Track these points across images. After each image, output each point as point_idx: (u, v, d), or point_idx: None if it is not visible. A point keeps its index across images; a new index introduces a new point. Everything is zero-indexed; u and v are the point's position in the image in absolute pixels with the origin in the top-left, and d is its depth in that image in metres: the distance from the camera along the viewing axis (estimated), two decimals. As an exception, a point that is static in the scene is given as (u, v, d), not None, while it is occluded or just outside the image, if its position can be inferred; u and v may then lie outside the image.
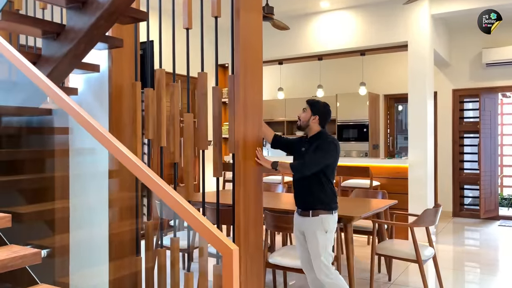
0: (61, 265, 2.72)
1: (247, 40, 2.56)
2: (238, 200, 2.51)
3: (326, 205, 2.85)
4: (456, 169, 7.23)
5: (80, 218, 3.01)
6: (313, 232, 2.83)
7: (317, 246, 2.80)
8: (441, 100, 7.27)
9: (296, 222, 2.99)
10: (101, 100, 3.07)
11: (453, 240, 5.73)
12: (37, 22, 2.55)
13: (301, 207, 2.94)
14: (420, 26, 5.46)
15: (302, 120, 3.02)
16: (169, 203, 1.56)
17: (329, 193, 2.88)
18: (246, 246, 2.55)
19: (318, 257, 2.80)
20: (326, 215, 2.84)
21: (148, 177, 1.59)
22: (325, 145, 2.86)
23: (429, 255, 3.37)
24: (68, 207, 3.03)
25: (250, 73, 2.60)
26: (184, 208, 1.51)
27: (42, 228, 2.66)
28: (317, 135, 2.96)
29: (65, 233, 2.90)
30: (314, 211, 2.84)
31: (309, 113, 3.00)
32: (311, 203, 2.86)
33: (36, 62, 2.64)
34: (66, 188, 3.05)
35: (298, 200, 2.97)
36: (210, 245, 2.07)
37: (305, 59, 6.62)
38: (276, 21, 4.68)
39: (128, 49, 3.10)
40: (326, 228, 2.83)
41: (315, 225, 2.83)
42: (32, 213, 2.45)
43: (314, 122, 2.96)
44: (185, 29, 2.73)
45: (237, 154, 2.52)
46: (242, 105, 2.53)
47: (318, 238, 2.80)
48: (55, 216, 2.80)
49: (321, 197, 2.85)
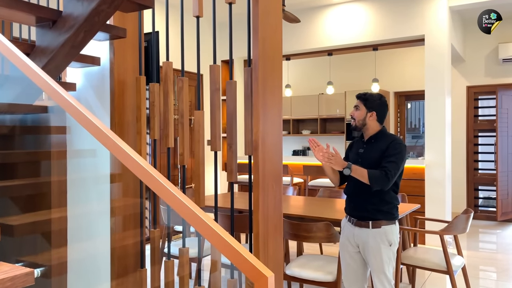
0: (58, 286, 2.43)
1: (266, 27, 2.28)
2: (257, 208, 2.24)
3: (389, 214, 2.51)
4: (470, 169, 6.96)
5: (79, 230, 2.74)
6: (377, 246, 2.48)
7: (382, 261, 2.46)
8: (454, 97, 7.00)
9: (347, 232, 2.61)
10: (101, 97, 2.79)
11: (467, 244, 5.46)
12: (30, 7, 2.26)
13: (355, 214, 2.57)
14: (438, 19, 5.18)
15: (357, 120, 2.60)
16: (187, 218, 1.29)
17: (393, 201, 2.54)
18: (266, 260, 2.27)
19: (383, 272, 2.47)
20: (390, 226, 2.50)
21: (162, 186, 1.31)
22: (398, 148, 2.48)
23: (459, 265, 3.10)
24: (65, 217, 2.75)
25: (269, 64, 2.32)
26: (208, 226, 1.24)
27: (36, 242, 2.37)
28: (379, 134, 2.59)
29: (63, 247, 2.62)
30: (375, 222, 2.49)
31: (364, 110, 2.60)
32: (371, 211, 2.50)
33: (30, 53, 2.36)
34: (63, 195, 2.77)
35: (352, 203, 2.60)
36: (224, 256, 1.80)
37: (314, 54, 6.33)
38: (287, 13, 4.40)
39: (132, 40, 2.82)
40: (390, 241, 2.49)
41: (379, 238, 2.48)
42: (25, 225, 2.16)
43: (372, 120, 2.58)
44: (195, 17, 2.45)
45: (256, 155, 2.24)
46: (262, 101, 2.25)
47: (382, 253, 2.46)
48: (51, 227, 2.52)
49: (383, 205, 2.50)
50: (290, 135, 8.36)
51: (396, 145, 2.49)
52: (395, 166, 2.42)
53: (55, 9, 2.29)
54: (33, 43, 2.39)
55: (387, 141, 2.53)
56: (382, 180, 2.39)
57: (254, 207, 2.25)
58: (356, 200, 2.55)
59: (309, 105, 8.05)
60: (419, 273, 3.81)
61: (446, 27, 5.18)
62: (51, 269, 2.33)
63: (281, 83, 2.45)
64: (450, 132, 5.55)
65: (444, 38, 5.18)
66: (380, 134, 2.59)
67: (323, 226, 2.75)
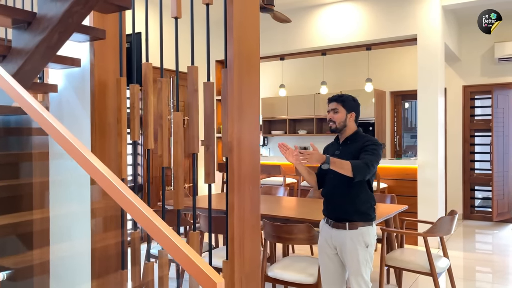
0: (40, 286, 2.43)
1: (242, 28, 2.27)
2: (232, 210, 2.23)
3: (366, 215, 2.51)
4: (466, 169, 6.92)
5: (61, 231, 2.74)
6: (353, 247, 2.48)
7: (358, 263, 2.46)
8: (450, 97, 6.96)
9: (325, 234, 2.60)
10: (82, 98, 2.78)
11: (463, 245, 5.42)
12: (6, 9, 2.26)
13: (333, 216, 2.56)
14: (430, 18, 5.15)
15: (338, 122, 2.58)
16: (140, 221, 1.28)
17: (370, 201, 2.54)
18: (242, 263, 2.26)
19: (359, 274, 2.47)
20: (367, 227, 2.50)
21: (114, 186, 1.30)
22: (375, 146, 2.48)
23: (444, 267, 3.07)
24: (48, 218, 2.75)
25: (245, 65, 2.31)
26: (159, 230, 1.23)
27: (16, 243, 2.37)
28: (355, 135, 2.59)
29: (45, 247, 2.62)
30: (352, 223, 2.48)
31: (344, 112, 2.59)
32: (349, 212, 2.50)
33: (6, 55, 2.36)
34: (45, 196, 2.77)
35: (331, 208, 2.58)
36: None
37: (308, 54, 6.31)
38: (277, 13, 4.38)
39: (113, 41, 2.81)
40: (367, 242, 2.49)
41: (355, 239, 2.48)
42: (4, 226, 2.16)
43: (351, 120, 2.59)
44: (174, 18, 2.43)
45: (231, 157, 2.23)
46: (237, 103, 2.24)
47: (359, 254, 2.46)
48: (33, 228, 2.52)
49: (360, 206, 2.49)
50: (286, 135, 8.34)
51: (373, 145, 2.49)
52: (373, 158, 2.42)
53: (30, 11, 2.29)
54: (10, 45, 2.39)
55: (363, 141, 2.53)
56: (363, 168, 2.37)
57: (229, 209, 2.24)
58: (334, 202, 2.54)
59: (305, 105, 8.03)
60: (408, 275, 3.78)
61: (438, 27, 5.15)
62: (32, 269, 2.33)
63: (258, 84, 2.43)
64: (443, 132, 5.51)
65: (437, 38, 5.14)
66: (356, 135, 2.59)
67: (304, 228, 2.73)
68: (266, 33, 6.20)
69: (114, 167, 2.76)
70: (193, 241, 2.40)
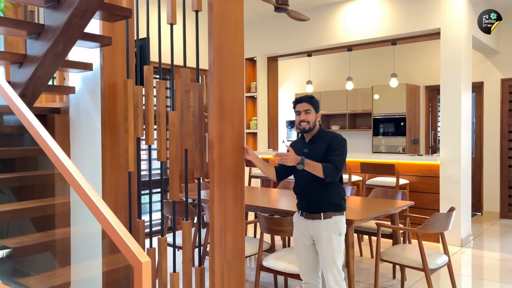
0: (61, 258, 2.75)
1: (222, 34, 2.43)
2: (212, 203, 2.41)
3: (338, 205, 2.65)
4: (504, 166, 6.62)
5: (76, 214, 3.05)
6: (328, 236, 2.60)
7: (333, 251, 2.59)
8: (488, 91, 6.69)
9: (300, 226, 2.73)
10: (95, 99, 3.08)
11: (493, 245, 5.23)
12: (19, 23, 2.59)
13: (308, 209, 2.69)
14: (454, 11, 5.00)
15: (311, 122, 2.68)
16: (88, 204, 1.51)
17: (341, 193, 2.68)
18: (223, 252, 2.44)
19: (333, 262, 2.59)
20: (339, 216, 2.64)
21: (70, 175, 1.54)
22: (340, 142, 2.63)
23: (440, 264, 3.07)
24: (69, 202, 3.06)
25: (228, 69, 2.47)
26: (99, 210, 1.45)
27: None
28: (320, 132, 2.72)
29: (66, 227, 2.94)
30: (326, 213, 2.62)
31: (314, 112, 2.70)
32: (323, 205, 2.63)
33: (23, 62, 2.69)
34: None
35: (304, 201, 2.72)
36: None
37: (334, 50, 6.33)
38: (292, 12, 4.47)
39: (122, 46, 3.08)
40: (340, 230, 2.63)
41: (330, 228, 2.60)
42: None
43: (318, 120, 2.74)
44: (169, 24, 2.65)
45: (211, 153, 2.42)
46: (218, 104, 2.42)
47: (333, 242, 2.59)
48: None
49: (333, 197, 2.64)
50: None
51: (339, 140, 2.62)
52: (341, 159, 2.56)
53: (39, 23, 2.59)
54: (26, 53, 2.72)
55: (329, 138, 2.64)
56: (333, 172, 2.52)
57: (210, 201, 2.43)
58: (307, 197, 2.66)
59: (337, 100, 8.03)
60: (413, 272, 3.78)
61: (463, 19, 4.99)
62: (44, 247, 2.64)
63: (242, 86, 2.59)
64: (469, 129, 5.34)
65: (461, 31, 4.99)
66: (321, 132, 2.70)
67: (292, 220, 2.86)
68: (293, 30, 6.30)
69: (123, 161, 3.03)
70: (185, 230, 2.62)
